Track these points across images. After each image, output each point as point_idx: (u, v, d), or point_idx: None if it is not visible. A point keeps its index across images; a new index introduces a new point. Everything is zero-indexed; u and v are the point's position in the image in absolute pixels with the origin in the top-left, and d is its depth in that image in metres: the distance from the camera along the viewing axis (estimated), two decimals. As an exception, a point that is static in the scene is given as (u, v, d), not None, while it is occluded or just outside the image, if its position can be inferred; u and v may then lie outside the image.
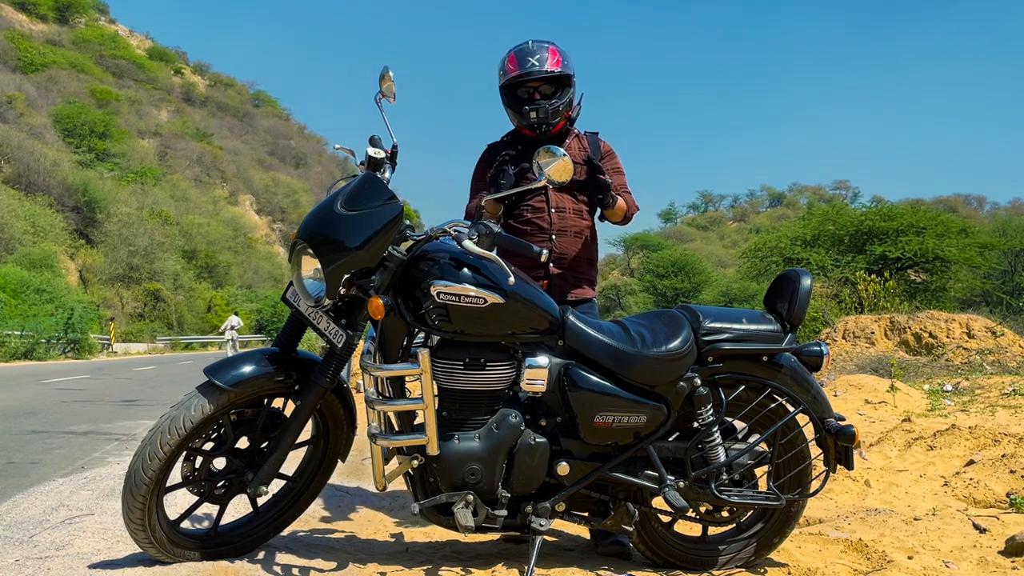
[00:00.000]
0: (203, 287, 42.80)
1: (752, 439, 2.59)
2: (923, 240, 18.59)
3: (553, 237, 2.94)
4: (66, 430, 5.67)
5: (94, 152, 45.98)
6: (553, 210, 2.95)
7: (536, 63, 2.85)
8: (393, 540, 2.92)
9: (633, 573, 2.54)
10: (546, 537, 2.82)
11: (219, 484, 2.38)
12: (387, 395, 2.33)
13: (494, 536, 2.84)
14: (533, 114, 2.86)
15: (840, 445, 2.53)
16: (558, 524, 3.00)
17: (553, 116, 2.89)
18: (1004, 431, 4.41)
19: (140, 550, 2.32)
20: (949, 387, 7.53)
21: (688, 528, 2.83)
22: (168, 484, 2.31)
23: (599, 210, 3.01)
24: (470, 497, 2.30)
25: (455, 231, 2.25)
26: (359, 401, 2.51)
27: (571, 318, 2.42)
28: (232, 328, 25.90)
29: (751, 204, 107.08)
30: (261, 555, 2.50)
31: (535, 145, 2.88)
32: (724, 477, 2.48)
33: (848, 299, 14.40)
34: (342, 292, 2.24)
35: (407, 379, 2.33)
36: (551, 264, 2.94)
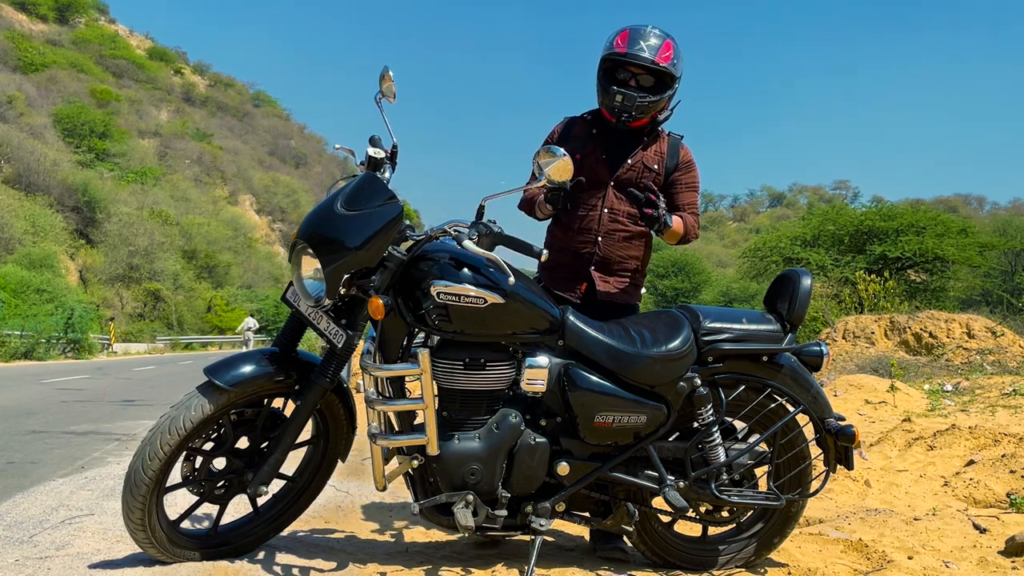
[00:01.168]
0: (203, 287, 42.74)
1: (752, 439, 2.59)
2: (923, 240, 18.61)
3: (599, 239, 2.79)
4: (66, 430, 5.66)
5: (94, 152, 45.89)
6: (606, 211, 2.78)
7: (646, 50, 2.64)
8: (393, 540, 2.92)
9: (633, 573, 2.54)
10: (546, 537, 2.82)
11: (219, 484, 2.38)
12: (387, 395, 2.33)
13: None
14: (619, 98, 2.65)
15: (840, 445, 2.53)
16: (558, 524, 3.00)
17: (638, 111, 2.69)
18: (1004, 431, 4.41)
19: (140, 550, 2.32)
20: (949, 387, 7.52)
21: (688, 528, 2.83)
22: (168, 484, 2.31)
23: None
24: (470, 497, 2.30)
25: (455, 231, 2.25)
26: (359, 401, 2.51)
27: (571, 318, 2.42)
28: (249, 329, 27.33)
29: (751, 204, 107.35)
30: (261, 555, 2.50)
31: (612, 133, 2.79)
32: (724, 477, 2.49)
33: (848, 299, 14.39)
34: (342, 292, 2.24)
35: (407, 379, 2.33)
36: (592, 267, 2.80)
